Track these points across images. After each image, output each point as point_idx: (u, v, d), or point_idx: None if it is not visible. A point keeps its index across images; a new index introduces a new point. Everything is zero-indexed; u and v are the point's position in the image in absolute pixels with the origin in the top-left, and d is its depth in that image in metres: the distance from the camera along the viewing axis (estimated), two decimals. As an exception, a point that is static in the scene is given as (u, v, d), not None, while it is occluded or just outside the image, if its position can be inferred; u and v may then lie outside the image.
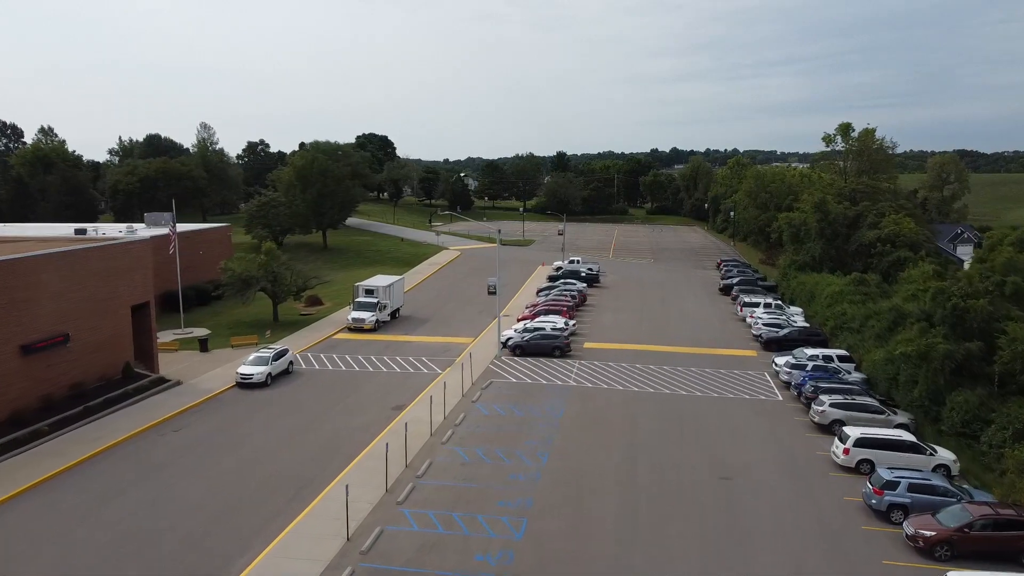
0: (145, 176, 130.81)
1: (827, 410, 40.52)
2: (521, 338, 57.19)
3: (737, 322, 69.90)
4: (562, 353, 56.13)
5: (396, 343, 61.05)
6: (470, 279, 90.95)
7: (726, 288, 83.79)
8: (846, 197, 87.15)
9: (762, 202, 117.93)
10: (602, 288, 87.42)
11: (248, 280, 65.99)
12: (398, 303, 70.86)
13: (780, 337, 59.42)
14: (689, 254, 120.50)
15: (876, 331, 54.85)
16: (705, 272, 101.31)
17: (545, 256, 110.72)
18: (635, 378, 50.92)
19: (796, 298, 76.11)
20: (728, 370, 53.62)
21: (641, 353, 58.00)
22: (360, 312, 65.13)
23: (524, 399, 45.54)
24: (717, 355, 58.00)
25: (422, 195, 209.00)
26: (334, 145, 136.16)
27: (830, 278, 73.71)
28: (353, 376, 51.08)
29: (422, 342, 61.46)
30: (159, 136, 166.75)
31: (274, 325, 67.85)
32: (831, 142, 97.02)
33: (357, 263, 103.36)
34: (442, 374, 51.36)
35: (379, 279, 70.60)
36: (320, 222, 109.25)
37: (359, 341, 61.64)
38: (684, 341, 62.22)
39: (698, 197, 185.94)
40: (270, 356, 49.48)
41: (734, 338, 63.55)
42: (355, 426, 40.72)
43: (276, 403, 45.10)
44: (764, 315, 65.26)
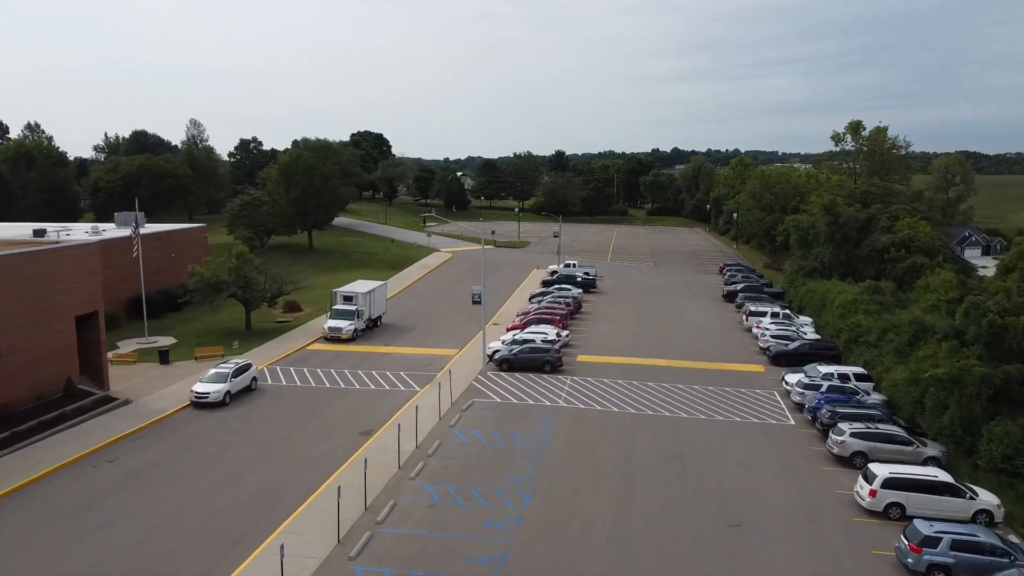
0: (127, 173, 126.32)
1: (847, 441, 35.85)
2: (509, 351, 52.57)
3: (742, 332, 65.25)
4: (553, 368, 51.50)
5: (374, 355, 56.42)
6: (460, 284, 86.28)
7: (730, 295, 79.14)
8: (857, 199, 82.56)
9: (766, 203, 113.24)
10: (599, 294, 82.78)
11: (217, 285, 61.37)
12: (380, 310, 66.24)
13: (790, 351, 54.77)
14: (690, 257, 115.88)
15: (895, 346, 50.21)
16: (707, 277, 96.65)
17: (540, 259, 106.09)
18: (632, 397, 46.29)
19: (805, 306, 71.45)
20: (734, 388, 48.98)
21: (639, 368, 53.37)
22: (337, 320, 60.50)
23: (508, 423, 40.89)
24: (721, 370, 53.36)
25: (417, 194, 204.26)
26: (322, 142, 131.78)
27: (841, 285, 69.06)
28: (322, 394, 46.45)
29: (402, 354, 56.83)
30: (145, 132, 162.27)
31: (246, 333, 63.31)
32: (840, 141, 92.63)
33: (343, 265, 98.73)
34: (420, 392, 46.74)
35: (359, 284, 65.96)
36: (305, 222, 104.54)
37: (334, 353, 57.01)
38: (686, 354, 57.59)
39: (699, 198, 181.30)
40: (229, 372, 44.84)
41: (739, 351, 58.90)
42: (315, 456, 36.07)
43: (231, 427, 40.47)
44: (772, 326, 60.60)
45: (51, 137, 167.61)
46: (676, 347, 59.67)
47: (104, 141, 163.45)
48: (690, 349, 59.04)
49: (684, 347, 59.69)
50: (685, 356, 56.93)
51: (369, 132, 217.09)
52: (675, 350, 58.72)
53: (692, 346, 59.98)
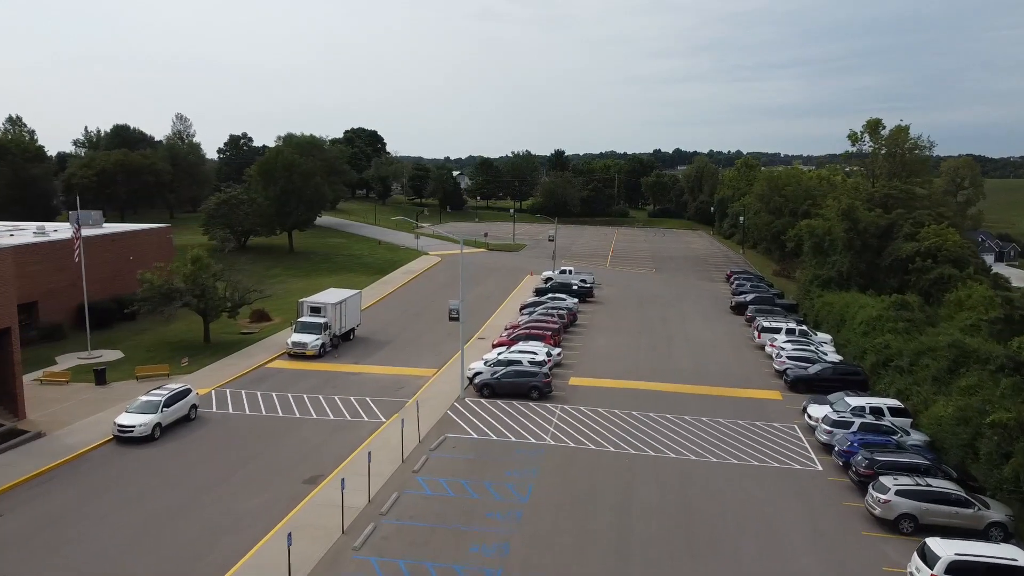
0: (102, 169, 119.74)
1: (893, 501, 29.44)
2: (491, 374, 46.20)
3: (754, 351, 58.86)
4: (541, 395, 45.12)
5: (341, 375, 50.05)
6: (445, 291, 79.83)
7: (738, 306, 72.72)
8: (877, 203, 76.22)
9: (775, 207, 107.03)
10: (596, 304, 76.39)
11: (169, 294, 55.03)
12: (353, 322, 59.86)
13: (810, 376, 48.40)
14: (694, 263, 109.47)
15: (932, 373, 43.86)
16: (713, 285, 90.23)
17: (535, 264, 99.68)
18: (631, 433, 39.91)
19: (822, 322, 65.04)
20: (748, 420, 42.61)
21: (639, 394, 47.00)
22: (302, 335, 54.12)
23: (483, 468, 34.52)
24: (733, 397, 46.98)
25: (412, 194, 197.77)
26: (308, 138, 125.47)
27: (863, 299, 62.69)
28: (272, 426, 40.08)
29: (372, 374, 50.45)
30: (127, 126, 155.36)
31: (203, 347, 57.00)
32: (858, 140, 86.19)
33: (323, 269, 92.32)
34: (385, 423, 40.37)
35: (329, 294, 59.54)
36: (285, 222, 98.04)
37: (296, 372, 50.65)
38: (692, 376, 51.22)
39: (703, 199, 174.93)
40: (160, 401, 38.41)
41: (752, 373, 52.52)
42: (240, 514, 29.64)
43: (155, 469, 34.10)
44: (788, 345, 54.20)
45: (33, 131, 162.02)
46: (681, 368, 53.30)
47: (84, 135, 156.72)
48: (697, 371, 52.66)
49: (690, 368, 53.31)
50: (691, 379, 50.57)
51: (363, 129, 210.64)
52: (680, 372, 52.35)
53: (699, 367, 53.60)
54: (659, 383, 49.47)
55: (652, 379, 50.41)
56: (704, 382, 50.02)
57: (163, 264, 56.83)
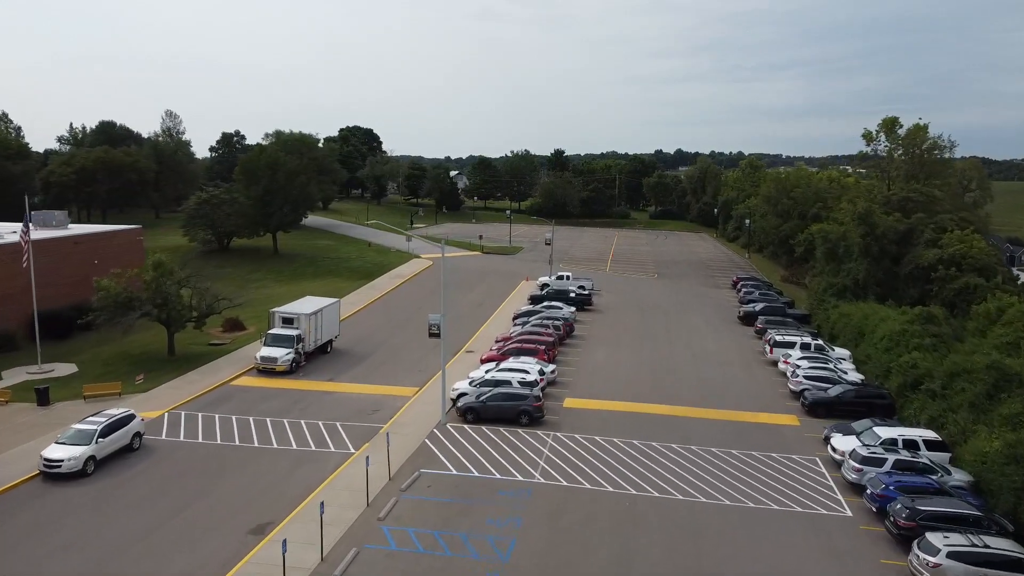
0: (82, 167, 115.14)
1: (945, 565, 24.76)
2: (476, 396, 41.52)
3: (765, 367, 54.18)
4: (531, 420, 40.41)
5: (312, 395, 45.37)
6: (435, 299, 75.02)
7: (747, 317, 67.98)
8: (894, 207, 71.50)
9: (783, 209, 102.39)
10: (595, 312, 71.66)
11: (128, 303, 50.38)
12: (330, 334, 55.19)
13: (831, 399, 43.66)
14: (698, 268, 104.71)
15: (969, 398, 39.22)
16: (719, 292, 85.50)
17: (532, 268, 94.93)
18: (632, 467, 35.23)
19: (838, 334, 60.32)
20: (763, 451, 37.92)
21: (640, 419, 42.30)
22: (272, 349, 49.44)
23: (460, 515, 29.81)
24: (745, 423, 42.28)
25: (407, 193, 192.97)
26: (297, 135, 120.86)
27: (884, 310, 58.06)
28: (227, 457, 35.42)
29: (347, 394, 45.77)
30: (113, 123, 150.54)
31: (166, 361, 52.43)
32: (872, 140, 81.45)
33: (308, 273, 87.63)
34: (354, 455, 35.70)
35: (303, 303, 54.84)
36: (268, 223, 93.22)
37: (263, 390, 45.97)
38: (699, 397, 46.51)
39: (706, 201, 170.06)
40: (95, 431, 33.73)
41: (765, 394, 47.82)
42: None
43: (79, 513, 29.43)
44: (804, 362, 49.48)
45: (19, 128, 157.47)
46: (687, 387, 48.58)
47: (68, 132, 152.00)
48: (703, 391, 47.93)
49: (696, 387, 48.59)
50: (698, 401, 45.85)
51: (358, 127, 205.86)
52: (686, 391, 47.63)
53: (706, 386, 48.88)
54: (662, 405, 44.76)
55: (655, 400, 45.70)
56: (712, 404, 45.31)
57: (120, 270, 52.07)
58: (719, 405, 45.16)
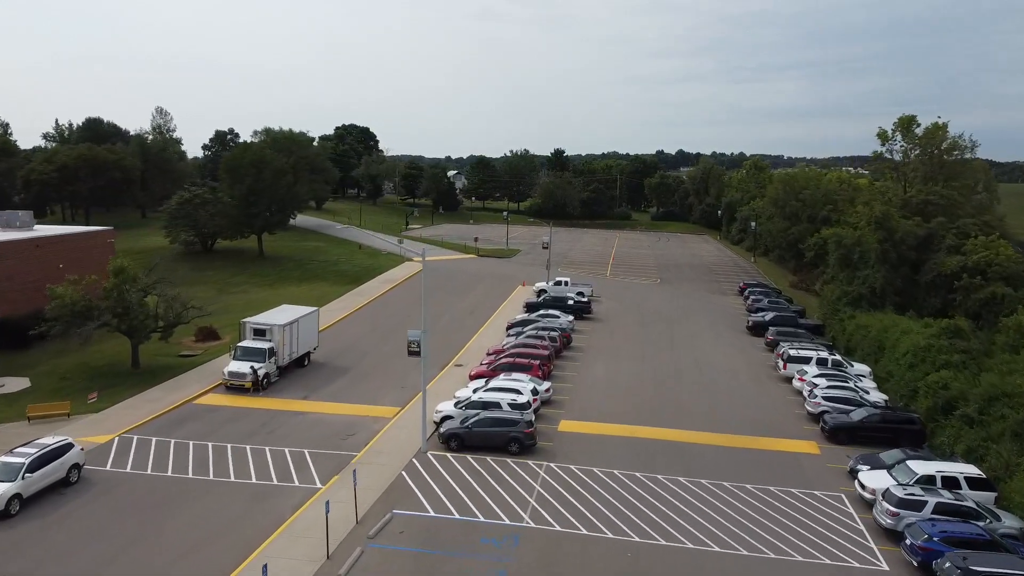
0: (64, 165, 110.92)
1: (1013, 647, 20.63)
2: (461, 421, 37.38)
3: (778, 383, 50.04)
4: (522, 448, 36.27)
5: (282, 416, 41.25)
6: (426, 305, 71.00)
7: (756, 327, 63.83)
8: (913, 210, 67.37)
9: (791, 212, 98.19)
10: (594, 321, 67.49)
11: (86, 312, 46.27)
12: (308, 345, 51.06)
13: (853, 424, 39.49)
14: (702, 272, 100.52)
15: (1012, 426, 35.16)
16: (725, 299, 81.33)
17: (529, 272, 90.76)
18: (634, 505, 31.12)
19: (856, 347, 56.23)
20: (781, 486, 33.79)
21: (643, 445, 38.18)
22: (241, 363, 45.29)
23: (434, 570, 25.66)
24: (759, 451, 38.15)
25: (404, 193, 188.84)
26: (286, 133, 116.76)
27: (905, 322, 53.97)
28: (175, 492, 31.30)
29: (321, 415, 41.63)
30: (100, 120, 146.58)
31: (130, 374, 48.39)
32: (887, 140, 77.27)
33: (293, 277, 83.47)
34: (320, 491, 31.57)
35: (278, 313, 50.65)
36: (252, 224, 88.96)
37: (229, 410, 41.85)
38: (707, 419, 42.36)
39: (709, 203, 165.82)
40: (22, 465, 29.57)
41: (780, 416, 43.68)
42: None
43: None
44: (822, 380, 45.33)
45: (7, 124, 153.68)
46: (693, 407, 44.44)
47: (55, 128, 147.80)
48: (712, 412, 43.78)
49: (704, 408, 44.43)
50: (706, 423, 41.70)
51: (354, 125, 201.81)
52: (692, 412, 43.49)
53: (714, 406, 44.72)
54: (667, 429, 40.62)
55: (659, 423, 41.56)
56: (722, 427, 41.16)
57: (77, 276, 47.97)
58: (729, 428, 41.02)
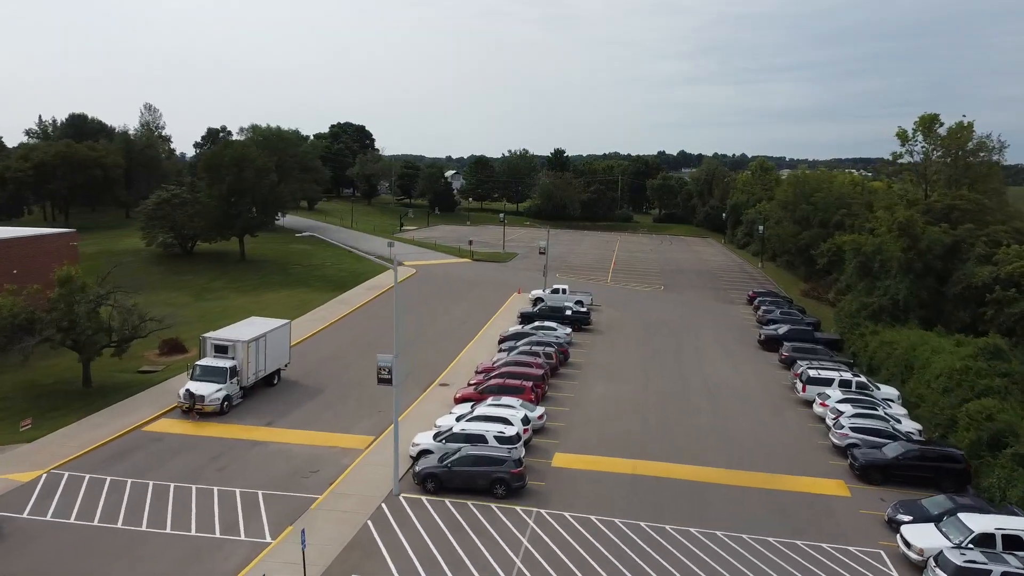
0: (41, 162, 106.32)
1: None
2: (440, 459, 32.60)
3: (796, 406, 45.31)
4: (509, 491, 31.50)
5: (240, 445, 36.51)
6: (414, 314, 66.41)
7: (769, 341, 59.09)
8: (938, 216, 62.59)
9: (802, 216, 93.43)
10: (593, 333, 62.74)
11: (26, 325, 41.50)
12: (278, 362, 46.29)
13: (888, 462, 34.69)
14: (708, 279, 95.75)
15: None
16: (733, 309, 76.54)
17: (525, 278, 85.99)
18: (639, 568, 26.34)
19: (879, 366, 51.47)
20: (809, 539, 29.02)
21: (647, 485, 33.43)
22: (200, 383, 40.57)
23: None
24: (780, 492, 33.40)
25: (399, 193, 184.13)
26: (274, 130, 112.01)
27: (934, 339, 49.29)
28: (95, 548, 26.56)
29: (284, 445, 36.87)
30: (84, 116, 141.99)
31: (81, 393, 43.70)
32: (907, 140, 72.51)
33: (275, 282, 78.70)
34: (270, 546, 26.82)
35: (243, 327, 45.85)
36: (232, 225, 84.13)
37: (181, 439, 37.10)
38: (720, 451, 37.60)
39: (713, 205, 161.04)
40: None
41: (801, 448, 38.90)
42: None
43: None
44: (847, 407, 40.55)
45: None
46: (703, 437, 39.66)
47: (38, 125, 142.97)
48: (725, 442, 39.00)
49: (715, 438, 39.64)
50: (719, 457, 36.93)
51: (350, 123, 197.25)
52: (703, 443, 38.72)
53: (728, 436, 39.93)
54: (675, 464, 35.85)
55: (665, 456, 36.80)
56: (737, 462, 36.39)
57: (14, 286, 43.21)
58: (745, 463, 36.26)
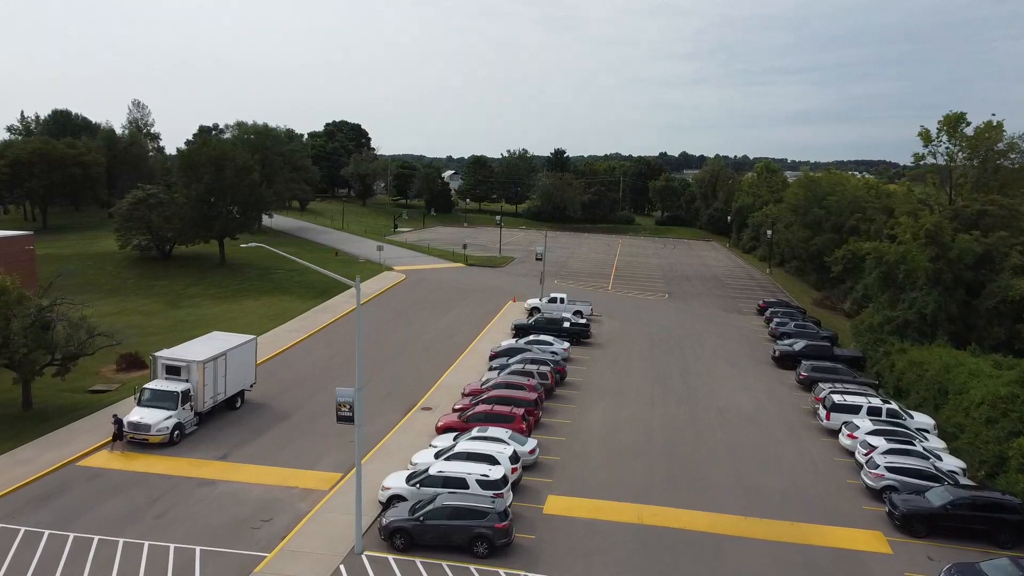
0: (16, 160, 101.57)
1: None
2: (411, 509, 27.79)
3: (820, 437, 40.55)
4: (492, 548, 26.71)
5: (185, 485, 31.72)
6: (397, 326, 61.71)
7: (785, 358, 54.35)
8: (967, 223, 57.74)
9: (814, 220, 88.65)
10: (593, 347, 57.97)
11: (-48, 344, 36.81)
12: (241, 383, 41.49)
13: (934, 511, 29.87)
14: (714, 286, 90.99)
15: None
16: (742, 320, 71.77)
17: (521, 285, 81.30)
18: (646, 656, 21.60)
19: (908, 389, 46.71)
20: (849, 613, 24.22)
21: (656, 538, 28.63)
22: (146, 410, 35.82)
23: None
24: (810, 548, 28.59)
25: (395, 193, 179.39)
26: (261, 127, 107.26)
27: (970, 359, 44.45)
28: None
29: (235, 484, 32.06)
30: (68, 112, 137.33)
31: (19, 417, 38.92)
32: (930, 141, 67.49)
33: (252, 289, 73.88)
34: (197, 626, 22.04)
35: (201, 344, 41.03)
36: (210, 227, 79.25)
37: (120, 476, 32.34)
38: (737, 495, 32.81)
39: (717, 207, 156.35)
40: None
41: (828, 487, 34.12)
42: None
43: None
44: (881, 441, 35.76)
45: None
46: (718, 475, 34.88)
47: (19, 120, 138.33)
48: (742, 482, 34.20)
49: (732, 476, 34.85)
50: (737, 501, 32.14)
51: (345, 122, 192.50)
52: (717, 483, 33.93)
53: (745, 474, 35.13)
54: (686, 511, 31.05)
55: (675, 500, 32.01)
56: (757, 508, 31.59)
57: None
58: (767, 509, 31.46)
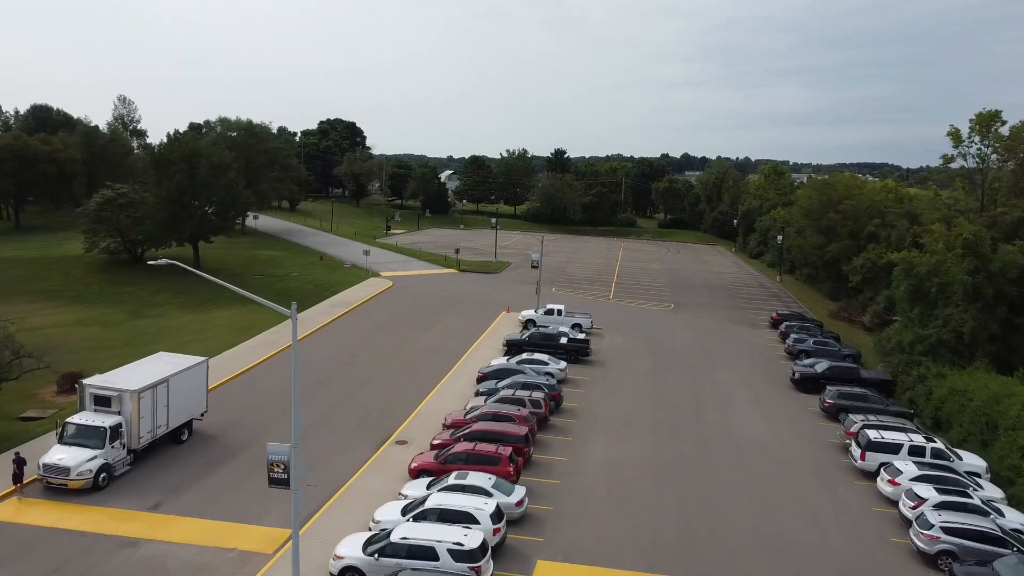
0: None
1: None
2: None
3: (853, 477, 35.17)
4: (463, 644, 21.36)
5: (100, 544, 26.35)
6: (377, 342, 56.40)
7: (805, 380, 48.99)
8: (1007, 232, 52.38)
9: (828, 225, 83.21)
10: (593, 366, 52.59)
11: None
12: (188, 413, 36.16)
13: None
14: (722, 295, 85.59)
15: None
16: (755, 334, 66.35)
17: (516, 294, 75.86)
18: None
19: (947, 419, 41.35)
20: None
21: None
22: (69, 450, 30.46)
23: None
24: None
25: (390, 194, 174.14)
26: (244, 124, 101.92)
27: (1020, 388, 39.04)
28: None
29: (161, 545, 26.67)
30: (48, 107, 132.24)
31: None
32: (961, 142, 62.08)
33: (225, 298, 68.27)
34: None
35: (140, 368, 35.62)
36: (180, 229, 73.68)
37: (27, 532, 26.98)
38: (760, 560, 27.41)
39: (722, 210, 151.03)
40: None
41: (869, 547, 28.72)
42: None
43: None
44: (930, 491, 30.38)
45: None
46: (736, 529, 29.46)
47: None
48: (766, 542, 28.78)
49: (753, 533, 29.41)
50: (761, 567, 26.73)
51: (340, 120, 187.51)
52: (736, 543, 28.51)
53: (769, 531, 29.71)
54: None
55: (689, 566, 26.63)
56: (785, 572, 26.23)
57: None
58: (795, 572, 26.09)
